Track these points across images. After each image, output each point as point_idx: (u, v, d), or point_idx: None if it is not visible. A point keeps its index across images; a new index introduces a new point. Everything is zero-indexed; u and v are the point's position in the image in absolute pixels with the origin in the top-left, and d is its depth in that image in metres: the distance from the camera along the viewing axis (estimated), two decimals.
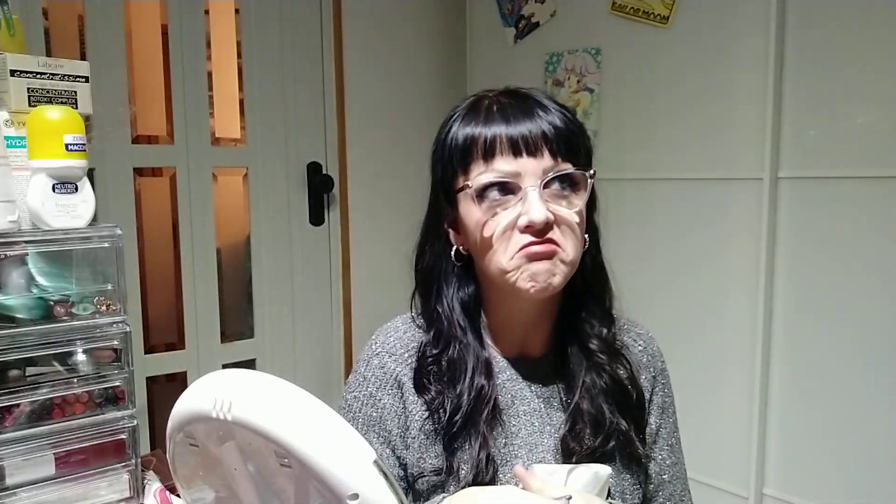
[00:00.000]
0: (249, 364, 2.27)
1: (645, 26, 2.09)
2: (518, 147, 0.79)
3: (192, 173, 2.11)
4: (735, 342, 1.98)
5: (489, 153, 0.80)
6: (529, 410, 0.88)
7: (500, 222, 0.80)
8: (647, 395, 0.92)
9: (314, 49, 2.32)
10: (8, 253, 0.91)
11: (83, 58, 1.87)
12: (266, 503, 0.59)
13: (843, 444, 1.80)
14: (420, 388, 0.87)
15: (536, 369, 0.90)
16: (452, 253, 0.87)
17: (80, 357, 0.97)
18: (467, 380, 0.84)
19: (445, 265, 0.88)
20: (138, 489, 1.01)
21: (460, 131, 0.83)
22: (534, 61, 2.36)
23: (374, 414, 0.87)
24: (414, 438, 0.86)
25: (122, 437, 0.99)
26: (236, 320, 2.31)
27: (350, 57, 2.35)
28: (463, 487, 0.81)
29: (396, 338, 0.91)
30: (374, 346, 0.92)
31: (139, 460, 1.02)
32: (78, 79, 1.00)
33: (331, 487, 0.51)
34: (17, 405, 0.92)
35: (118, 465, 1.00)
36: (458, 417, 0.83)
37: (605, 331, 0.90)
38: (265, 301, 2.28)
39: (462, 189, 0.83)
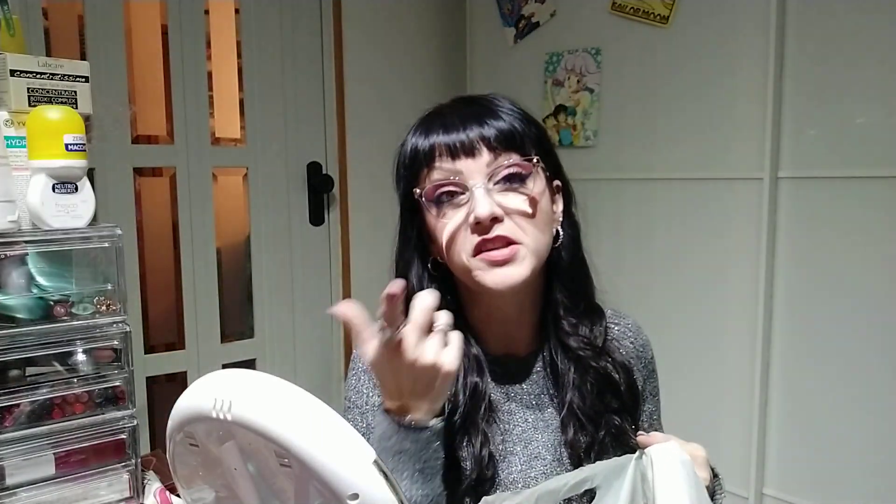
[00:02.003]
0: (249, 364, 2.27)
1: (645, 26, 2.09)
2: (455, 150, 0.81)
3: (192, 173, 2.11)
4: (735, 341, 1.98)
5: (429, 159, 0.82)
6: (522, 407, 0.89)
7: (451, 223, 0.82)
8: (640, 385, 0.93)
9: (314, 49, 2.32)
10: (8, 253, 0.91)
11: (83, 58, 1.87)
12: (266, 503, 0.59)
13: (843, 444, 1.80)
14: None
15: (524, 367, 0.91)
16: (429, 263, 0.88)
17: (80, 357, 0.97)
18: (460, 379, 0.85)
19: (421, 273, 0.88)
20: (138, 489, 1.01)
21: (408, 144, 0.86)
22: (534, 61, 2.37)
23: (379, 401, 0.88)
24: None
25: (122, 437, 0.99)
26: (236, 320, 2.31)
27: (350, 57, 2.35)
28: (466, 485, 0.82)
29: None
30: None
31: (139, 460, 1.02)
32: (78, 79, 1.00)
33: (331, 487, 0.51)
34: (17, 405, 0.92)
35: (118, 465, 1.00)
36: (456, 417, 0.84)
37: (588, 327, 0.90)
38: (265, 301, 2.28)
39: (416, 198, 0.84)
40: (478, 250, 0.80)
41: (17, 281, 0.93)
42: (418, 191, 0.83)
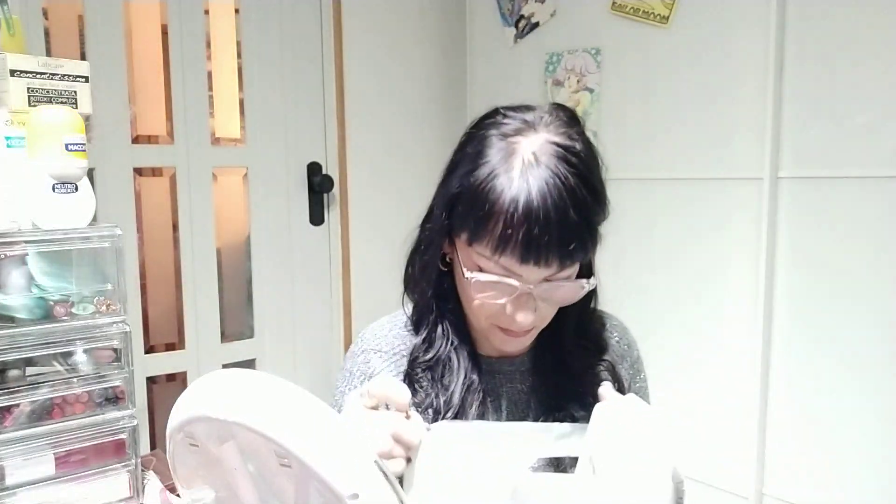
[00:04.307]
0: (249, 364, 2.27)
1: (645, 26, 2.09)
2: (528, 258, 0.75)
3: (192, 173, 2.11)
4: (735, 342, 1.97)
5: (499, 248, 0.75)
6: (511, 406, 0.90)
7: (485, 301, 0.80)
8: (626, 385, 0.94)
9: (314, 49, 2.32)
10: (8, 253, 0.91)
11: (83, 58, 1.87)
12: (266, 503, 0.59)
13: (843, 444, 1.80)
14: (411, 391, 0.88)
15: (517, 367, 0.91)
16: (439, 259, 0.87)
17: (80, 357, 0.97)
18: (458, 377, 0.86)
19: (434, 270, 0.87)
20: (138, 489, 1.01)
21: (488, 192, 0.75)
22: (534, 61, 2.36)
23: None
24: None
25: (122, 437, 0.99)
26: (236, 320, 2.31)
27: (350, 57, 2.35)
28: None
29: (382, 335, 0.93)
30: (361, 343, 0.94)
31: (139, 460, 1.02)
32: (78, 79, 1.00)
33: (331, 487, 0.51)
34: (17, 405, 0.92)
35: (118, 465, 1.00)
36: (449, 413, 0.85)
37: (583, 330, 0.91)
38: (265, 301, 2.28)
39: (459, 242, 0.81)
40: (499, 324, 0.82)
41: (17, 281, 0.93)
42: (468, 271, 0.79)
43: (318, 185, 2.32)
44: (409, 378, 0.88)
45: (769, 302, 1.90)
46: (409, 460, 0.68)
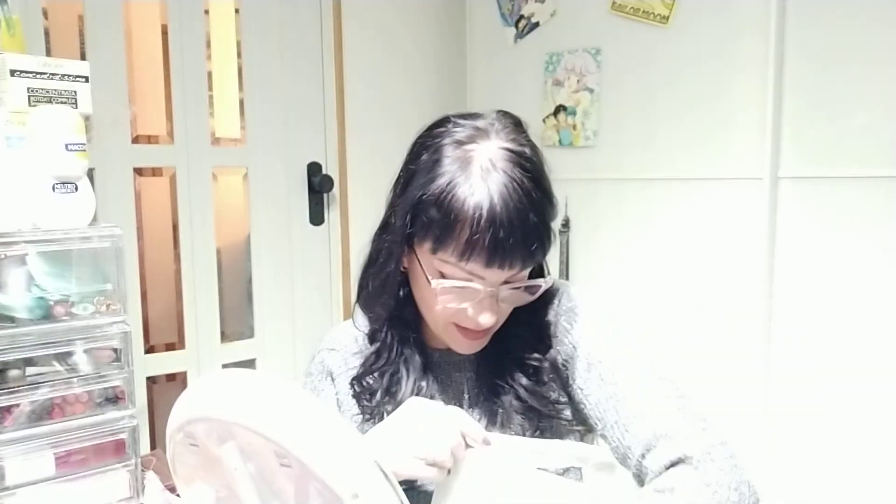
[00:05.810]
0: (249, 364, 2.27)
1: (645, 26, 2.09)
2: (493, 261, 0.78)
3: (192, 173, 2.11)
4: (735, 342, 1.98)
5: (465, 253, 0.78)
6: (458, 395, 0.92)
7: (447, 303, 0.82)
8: (562, 360, 0.89)
9: (314, 49, 2.32)
10: (8, 253, 0.91)
11: (83, 58, 1.87)
12: (266, 503, 0.59)
13: (842, 443, 1.80)
14: (359, 397, 0.92)
15: (464, 360, 0.93)
16: (400, 269, 0.88)
17: (80, 357, 0.97)
18: (407, 388, 0.89)
19: (395, 281, 0.88)
20: (138, 489, 1.01)
21: (451, 200, 0.78)
22: (534, 61, 2.37)
23: None
24: None
25: (122, 437, 0.99)
26: (236, 320, 2.31)
27: (350, 57, 2.35)
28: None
29: (338, 336, 0.98)
30: (320, 344, 0.99)
31: (139, 460, 1.02)
32: (78, 79, 1.00)
33: (331, 487, 0.51)
34: (17, 405, 0.92)
35: (118, 465, 1.00)
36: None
37: (530, 325, 0.91)
38: (265, 301, 2.28)
39: (421, 250, 0.83)
40: (458, 328, 0.85)
41: (17, 281, 0.93)
42: (431, 279, 0.81)
43: (318, 185, 2.32)
44: (361, 384, 0.91)
45: (769, 302, 1.90)
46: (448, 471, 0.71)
